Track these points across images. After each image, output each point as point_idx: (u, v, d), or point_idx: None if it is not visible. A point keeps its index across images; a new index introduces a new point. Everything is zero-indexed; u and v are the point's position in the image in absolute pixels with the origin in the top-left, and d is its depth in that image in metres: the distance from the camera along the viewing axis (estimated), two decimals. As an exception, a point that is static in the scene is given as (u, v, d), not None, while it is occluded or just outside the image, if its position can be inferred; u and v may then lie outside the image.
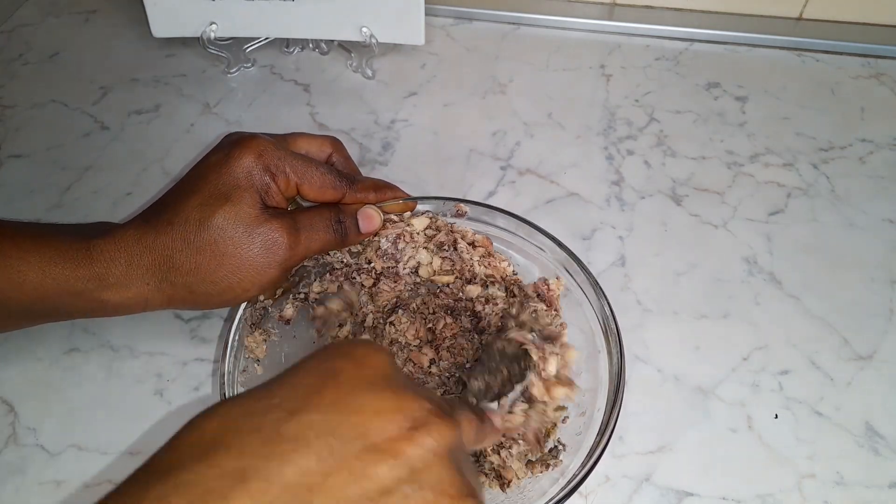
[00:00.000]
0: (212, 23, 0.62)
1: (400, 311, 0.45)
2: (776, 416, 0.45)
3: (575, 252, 0.44)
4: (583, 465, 0.37)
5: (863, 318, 0.49)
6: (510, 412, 0.33)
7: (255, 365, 0.43)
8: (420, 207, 0.46)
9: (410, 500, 0.21)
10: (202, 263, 0.38)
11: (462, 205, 0.46)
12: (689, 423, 0.44)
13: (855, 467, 0.42)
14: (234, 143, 0.41)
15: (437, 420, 0.23)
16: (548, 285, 0.45)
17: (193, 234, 0.38)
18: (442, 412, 0.24)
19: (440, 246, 0.46)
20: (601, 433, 0.38)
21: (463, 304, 0.45)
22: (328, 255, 0.45)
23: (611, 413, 0.38)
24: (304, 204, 0.45)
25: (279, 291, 0.44)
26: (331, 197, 0.43)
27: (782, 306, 0.50)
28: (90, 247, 0.38)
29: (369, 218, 0.43)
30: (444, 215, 0.47)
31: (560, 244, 0.45)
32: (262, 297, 0.43)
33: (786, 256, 0.53)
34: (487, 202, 0.47)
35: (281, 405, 0.22)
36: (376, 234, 0.44)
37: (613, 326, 0.41)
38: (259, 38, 0.67)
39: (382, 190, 0.45)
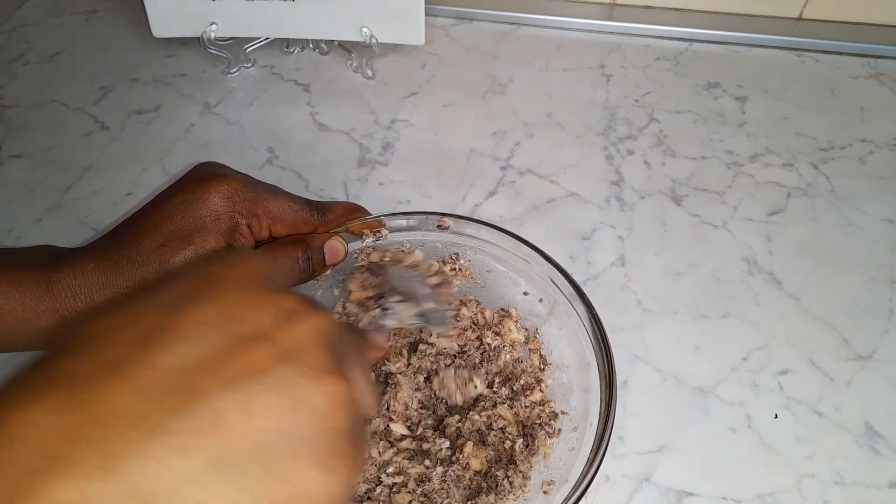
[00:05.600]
0: (212, 23, 0.62)
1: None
2: (776, 416, 0.45)
3: (574, 250, 0.44)
4: (575, 487, 0.36)
5: (863, 318, 0.49)
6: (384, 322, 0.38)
7: None
8: (403, 222, 0.45)
9: (284, 374, 0.22)
10: None
11: (445, 219, 0.45)
12: (689, 423, 0.44)
13: (854, 467, 0.42)
14: (201, 181, 0.39)
15: (311, 310, 0.24)
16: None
17: (152, 275, 0.37)
18: (315, 305, 0.25)
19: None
20: (594, 453, 0.37)
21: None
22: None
23: (604, 429, 0.37)
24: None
25: None
26: (303, 230, 0.42)
27: (782, 306, 0.50)
28: (50, 280, 0.37)
29: (335, 251, 0.43)
30: (427, 230, 0.45)
31: (545, 256, 0.43)
32: None
33: (786, 256, 0.53)
34: (486, 202, 0.47)
35: (159, 304, 0.23)
36: (342, 261, 0.44)
37: (602, 340, 0.40)
38: (259, 38, 0.67)
39: (353, 214, 0.44)
